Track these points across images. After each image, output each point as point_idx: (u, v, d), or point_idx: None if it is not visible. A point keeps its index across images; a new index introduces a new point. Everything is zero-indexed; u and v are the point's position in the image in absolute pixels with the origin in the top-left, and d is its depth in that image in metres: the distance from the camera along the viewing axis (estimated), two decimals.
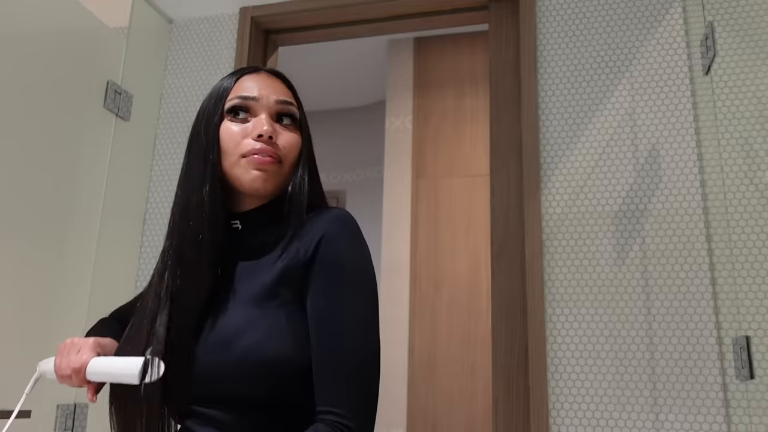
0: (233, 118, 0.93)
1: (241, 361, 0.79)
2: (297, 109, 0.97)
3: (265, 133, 0.90)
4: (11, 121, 1.66)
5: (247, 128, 0.92)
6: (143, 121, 2.21)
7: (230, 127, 0.92)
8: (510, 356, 1.82)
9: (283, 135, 0.93)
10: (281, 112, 0.94)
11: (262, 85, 0.95)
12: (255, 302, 0.85)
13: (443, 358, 2.81)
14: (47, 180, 1.78)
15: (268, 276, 0.86)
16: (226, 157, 0.91)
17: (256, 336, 0.81)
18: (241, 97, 0.93)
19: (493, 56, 2.07)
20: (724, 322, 1.61)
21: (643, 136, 1.81)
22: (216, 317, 0.85)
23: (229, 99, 0.94)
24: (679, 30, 1.86)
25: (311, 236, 0.86)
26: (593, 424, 1.65)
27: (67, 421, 1.78)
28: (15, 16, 1.69)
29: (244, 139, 0.91)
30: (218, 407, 0.82)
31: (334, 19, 2.26)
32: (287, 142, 0.93)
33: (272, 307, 0.84)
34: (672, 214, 1.73)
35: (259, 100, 0.93)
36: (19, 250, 1.67)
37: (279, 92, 0.95)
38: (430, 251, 2.94)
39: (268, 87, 0.95)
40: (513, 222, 1.90)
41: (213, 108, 0.94)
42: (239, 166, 0.90)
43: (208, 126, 0.93)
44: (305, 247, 0.85)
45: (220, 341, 0.82)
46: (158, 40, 2.33)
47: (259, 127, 0.90)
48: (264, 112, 0.93)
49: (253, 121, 0.92)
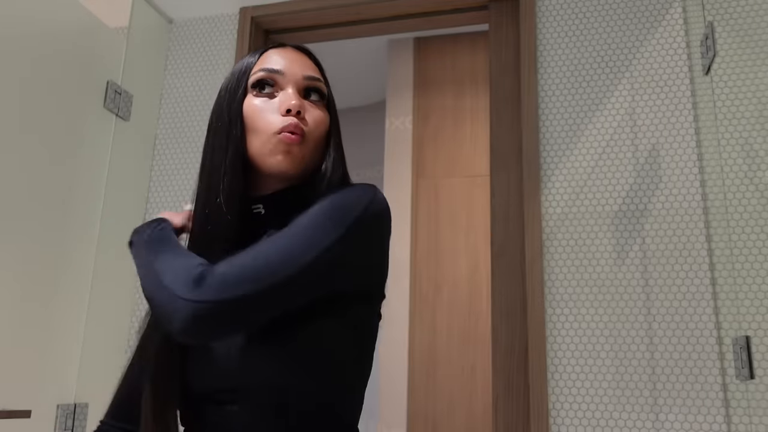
0: (258, 93, 0.87)
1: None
2: (325, 87, 0.91)
3: (293, 107, 0.83)
4: (11, 122, 1.66)
5: (274, 104, 0.86)
6: (143, 121, 2.21)
7: (255, 103, 0.86)
8: (510, 356, 1.82)
9: (311, 111, 0.87)
10: (309, 87, 0.88)
11: (288, 59, 0.89)
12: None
13: (443, 358, 2.81)
14: (47, 180, 1.78)
15: None
16: (251, 134, 0.85)
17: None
18: (266, 69, 0.87)
19: (493, 56, 2.07)
20: (724, 322, 1.61)
21: (643, 136, 1.81)
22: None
23: (254, 72, 0.88)
24: (679, 30, 1.86)
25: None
26: (593, 424, 1.65)
27: (67, 421, 1.78)
28: (15, 16, 1.69)
29: (272, 115, 0.84)
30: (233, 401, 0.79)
31: (334, 19, 2.26)
32: (315, 120, 0.87)
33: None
34: (672, 214, 1.73)
35: (285, 74, 0.87)
36: (19, 249, 1.67)
37: (306, 67, 0.89)
38: (430, 251, 2.94)
39: (295, 61, 0.89)
40: (513, 222, 1.90)
41: (236, 83, 0.89)
42: (266, 147, 0.84)
43: (231, 102, 0.87)
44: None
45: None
46: (158, 40, 2.33)
47: (288, 101, 0.84)
48: (291, 87, 0.87)
49: (281, 95, 0.86)
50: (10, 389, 1.61)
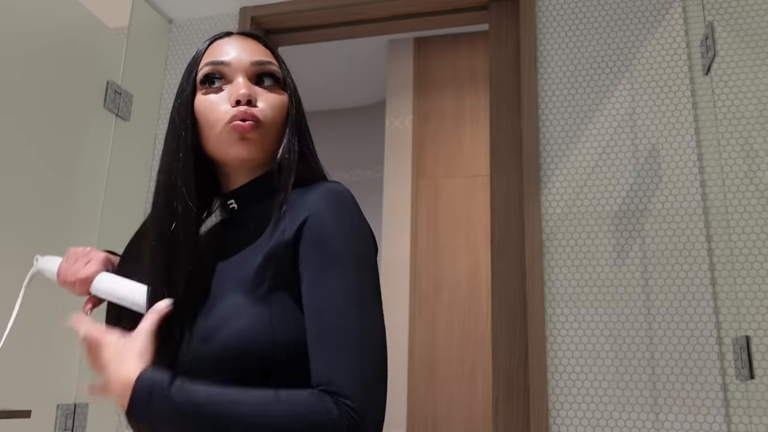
0: (208, 89, 0.84)
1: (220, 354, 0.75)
2: (279, 69, 0.87)
3: (242, 97, 0.80)
4: (11, 122, 1.66)
5: (224, 96, 0.83)
6: (143, 121, 2.21)
7: (205, 99, 0.83)
8: (510, 356, 1.82)
9: (265, 96, 0.84)
10: (260, 72, 0.85)
11: (234, 47, 0.86)
12: (243, 289, 0.78)
13: (443, 358, 2.81)
14: (47, 180, 1.78)
15: (255, 260, 0.79)
16: (205, 132, 0.83)
17: (237, 326, 0.75)
18: (211, 63, 0.84)
19: (493, 56, 2.07)
20: (724, 322, 1.61)
21: (643, 136, 1.81)
22: (204, 305, 0.79)
23: (200, 68, 0.85)
24: (679, 30, 1.86)
25: (298, 215, 0.78)
26: (593, 424, 1.65)
27: (67, 421, 1.78)
28: (15, 16, 1.69)
29: (223, 107, 0.82)
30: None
31: (334, 19, 2.26)
32: (271, 104, 0.83)
33: (257, 294, 0.77)
34: (672, 214, 1.73)
35: (231, 64, 0.84)
36: (19, 249, 1.66)
37: (255, 53, 0.86)
38: (430, 251, 2.94)
39: (242, 49, 0.85)
40: (513, 222, 1.90)
41: (185, 82, 0.86)
42: (221, 139, 0.81)
43: (178, 102, 0.85)
44: (291, 227, 0.78)
45: (204, 332, 0.77)
46: (158, 40, 2.33)
47: (236, 91, 0.81)
48: (240, 76, 0.83)
49: (229, 87, 0.83)
50: (10, 389, 1.61)
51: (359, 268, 0.76)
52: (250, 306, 0.77)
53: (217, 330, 0.76)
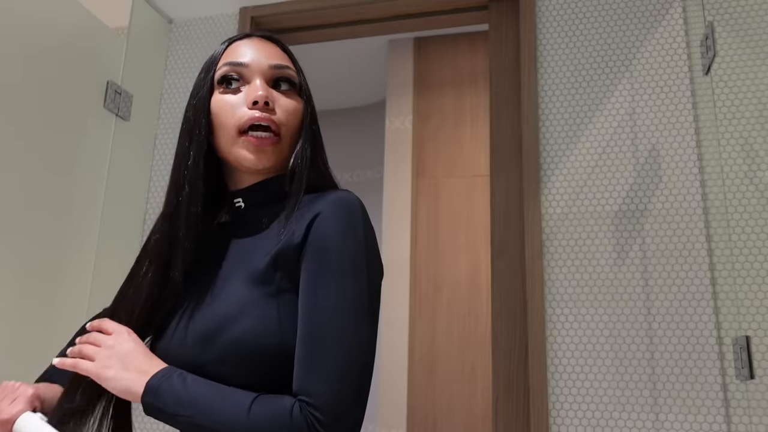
0: (225, 89, 0.85)
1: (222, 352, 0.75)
2: (296, 74, 0.88)
3: (260, 98, 0.81)
4: (11, 122, 1.66)
5: (241, 98, 0.83)
6: (143, 121, 2.21)
7: (222, 99, 0.84)
8: (510, 356, 1.82)
9: (282, 101, 0.85)
10: (278, 76, 0.86)
11: (253, 49, 0.86)
12: (248, 288, 0.78)
13: (443, 358, 2.81)
14: (47, 180, 1.78)
15: (263, 260, 0.79)
16: (220, 133, 0.84)
17: (243, 326, 0.75)
18: (230, 63, 0.85)
19: (493, 56, 2.07)
20: (724, 322, 1.61)
21: (643, 136, 1.81)
22: (207, 302, 0.80)
23: (219, 68, 0.86)
24: (679, 30, 1.86)
25: (306, 219, 0.78)
26: (593, 424, 1.65)
27: None
28: (15, 16, 1.69)
29: (239, 109, 0.82)
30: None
31: (334, 19, 2.26)
32: (286, 109, 0.84)
33: (265, 294, 0.78)
34: (672, 214, 1.73)
35: (250, 65, 0.85)
36: (19, 250, 1.67)
37: (273, 56, 0.87)
38: (430, 251, 2.94)
39: (261, 51, 0.86)
40: (513, 222, 1.90)
41: (202, 81, 0.87)
42: (236, 145, 0.82)
43: (194, 102, 0.85)
44: (299, 230, 0.78)
45: (205, 330, 0.77)
46: (158, 40, 2.33)
47: (253, 93, 0.82)
48: (258, 78, 0.84)
49: (246, 88, 0.84)
50: None
51: (356, 279, 0.76)
52: (256, 305, 0.77)
53: (222, 328, 0.76)
